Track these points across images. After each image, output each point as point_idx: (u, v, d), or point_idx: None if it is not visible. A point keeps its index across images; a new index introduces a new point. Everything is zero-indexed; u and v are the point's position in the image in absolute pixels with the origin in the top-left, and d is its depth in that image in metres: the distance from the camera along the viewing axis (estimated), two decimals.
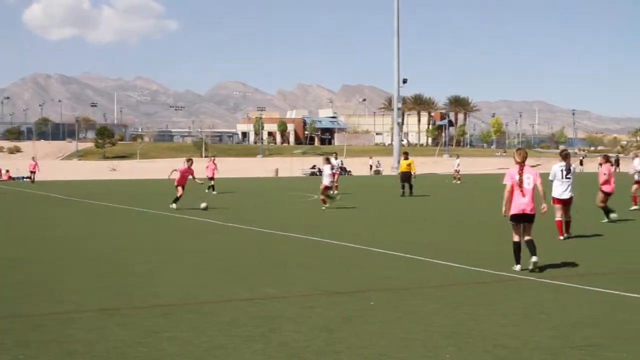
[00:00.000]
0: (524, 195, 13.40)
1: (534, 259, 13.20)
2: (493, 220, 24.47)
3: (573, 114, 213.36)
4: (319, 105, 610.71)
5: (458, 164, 60.28)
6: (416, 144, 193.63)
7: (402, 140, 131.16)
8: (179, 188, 29.50)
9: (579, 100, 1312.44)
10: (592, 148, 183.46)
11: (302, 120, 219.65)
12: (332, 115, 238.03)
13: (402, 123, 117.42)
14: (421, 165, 65.24)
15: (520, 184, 13.43)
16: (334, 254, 16.16)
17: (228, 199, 36.24)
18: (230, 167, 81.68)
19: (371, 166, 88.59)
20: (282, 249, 16.97)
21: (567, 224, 18.93)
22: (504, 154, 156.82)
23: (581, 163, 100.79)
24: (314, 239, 18.76)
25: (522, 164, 13.66)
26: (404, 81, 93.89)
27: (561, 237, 18.52)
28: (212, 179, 42.08)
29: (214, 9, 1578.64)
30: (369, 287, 11.91)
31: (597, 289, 11.64)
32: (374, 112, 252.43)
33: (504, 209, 13.67)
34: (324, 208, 28.65)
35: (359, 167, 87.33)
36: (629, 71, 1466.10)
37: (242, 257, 15.56)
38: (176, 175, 29.94)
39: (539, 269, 13.25)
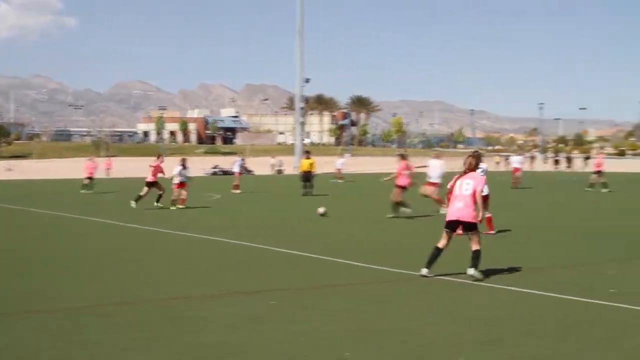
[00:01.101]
0: (459, 201, 12.76)
1: (470, 271, 12.49)
2: (392, 218, 24.83)
3: (471, 113, 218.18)
4: (221, 104, 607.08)
5: (342, 163, 60.77)
6: (318, 144, 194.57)
7: (305, 140, 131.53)
8: (147, 187, 29.42)
9: (477, 101, 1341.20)
10: (490, 147, 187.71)
11: (204, 119, 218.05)
12: (234, 115, 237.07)
13: (305, 123, 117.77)
14: (325, 165, 65.50)
15: (455, 189, 12.87)
16: (238, 254, 16.14)
17: (124, 199, 35.72)
18: (131, 167, 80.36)
19: (273, 166, 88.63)
20: (185, 250, 16.84)
21: (488, 219, 19.56)
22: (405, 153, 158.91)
23: (532, 159, 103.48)
24: (216, 239, 18.69)
25: (466, 171, 13.04)
26: (307, 81, 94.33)
27: (492, 232, 19.36)
28: (91, 178, 42.57)
29: (114, 6, 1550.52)
30: (274, 287, 11.95)
31: (498, 285, 11.97)
32: (277, 112, 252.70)
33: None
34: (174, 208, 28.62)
35: (261, 166, 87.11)
36: (524, 72, 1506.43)
37: (145, 259, 15.38)
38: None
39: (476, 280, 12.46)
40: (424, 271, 12.68)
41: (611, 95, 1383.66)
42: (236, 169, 43.62)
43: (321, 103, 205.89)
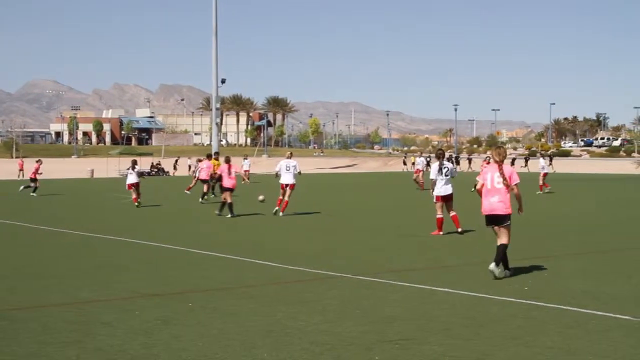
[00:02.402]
0: (495, 194, 12.87)
1: (499, 272, 12.58)
2: (308, 219, 24.89)
3: (387, 115, 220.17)
4: (137, 104, 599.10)
5: (249, 165, 60.83)
6: (235, 144, 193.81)
7: (221, 141, 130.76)
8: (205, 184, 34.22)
9: (393, 102, 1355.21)
10: (406, 148, 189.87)
11: (119, 120, 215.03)
12: (149, 115, 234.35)
13: (221, 123, 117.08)
14: (242, 166, 65.46)
15: (492, 182, 12.92)
16: (152, 255, 15.94)
17: (41, 201, 34.99)
18: (44, 168, 78.72)
19: (190, 166, 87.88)
20: (98, 252, 16.54)
21: (455, 218, 19.74)
22: (322, 154, 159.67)
23: (404, 163, 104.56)
24: (130, 241, 18.42)
25: (500, 163, 13.02)
26: (223, 81, 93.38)
27: (440, 233, 19.36)
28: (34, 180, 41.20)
29: (24, 4, 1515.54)
30: (188, 289, 11.82)
31: (409, 284, 12.08)
32: (193, 112, 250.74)
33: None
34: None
35: (178, 168, 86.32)
36: (439, 75, 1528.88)
37: (55, 262, 15.05)
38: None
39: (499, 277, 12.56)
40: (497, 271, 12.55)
41: (522, 98, 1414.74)
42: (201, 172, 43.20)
43: (238, 104, 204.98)
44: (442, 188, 19.61)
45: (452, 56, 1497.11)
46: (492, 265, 12.58)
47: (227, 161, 26.98)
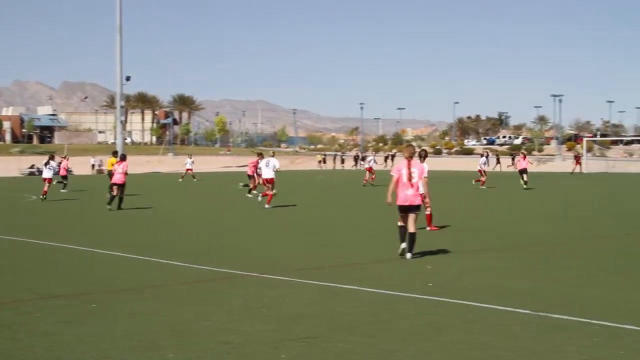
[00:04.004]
0: (409, 188, 14.62)
1: (408, 255, 14.60)
2: (217, 218, 24.78)
3: (294, 113, 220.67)
4: (38, 102, 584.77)
5: (192, 163, 60.51)
6: (140, 143, 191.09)
7: (126, 139, 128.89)
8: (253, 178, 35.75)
9: (300, 100, 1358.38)
10: (312, 146, 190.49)
11: (20, 117, 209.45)
12: (51, 113, 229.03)
13: (126, 121, 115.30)
14: (146, 164, 64.67)
15: (409, 177, 14.61)
16: (55, 256, 15.62)
17: None
18: None
19: (93, 165, 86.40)
20: None
21: (428, 217, 20.05)
22: (228, 152, 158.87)
23: (324, 161, 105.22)
24: (33, 242, 18.00)
25: (409, 159, 14.85)
26: (127, 79, 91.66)
27: (429, 228, 19.76)
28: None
29: None
30: (92, 290, 11.62)
31: (315, 282, 12.15)
32: (97, 110, 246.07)
33: (389, 199, 14.77)
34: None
35: (80, 166, 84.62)
36: (346, 73, 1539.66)
37: None
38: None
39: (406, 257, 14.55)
40: (403, 245, 14.71)
41: (427, 97, 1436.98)
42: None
43: (143, 101, 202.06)
44: None
45: (358, 55, 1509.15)
46: (409, 255, 14.59)
47: (122, 158, 29.47)
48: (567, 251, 16.26)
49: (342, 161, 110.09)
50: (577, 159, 74.92)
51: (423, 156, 20.31)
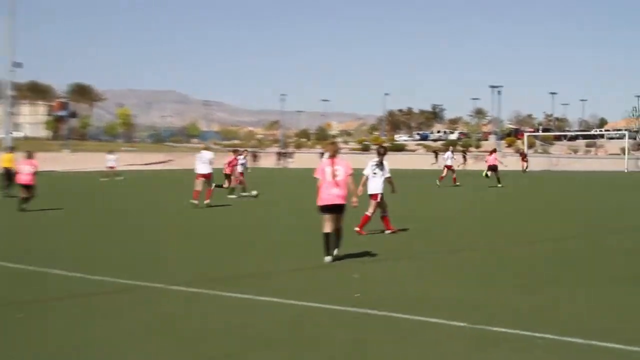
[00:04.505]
0: (334, 187, 15.12)
1: (335, 251, 15.22)
2: (132, 219, 24.39)
3: (206, 105, 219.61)
4: None
5: (114, 160, 59.76)
6: (32, 137, 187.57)
7: (16, 133, 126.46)
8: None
9: (213, 91, 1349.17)
10: (226, 142, 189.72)
11: None
12: None
13: (15, 113, 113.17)
14: (46, 162, 63.53)
15: (333, 175, 15.12)
16: None
17: None
18: None
19: None
20: None
21: (384, 219, 20.29)
22: (133, 148, 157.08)
23: (255, 157, 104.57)
24: None
25: (333, 157, 15.35)
26: (17, 65, 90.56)
27: (356, 229, 19.76)
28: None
29: None
30: None
31: (228, 293, 11.98)
32: None
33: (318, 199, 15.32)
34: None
35: None
36: (264, 63, 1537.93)
37: None
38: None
39: (339, 259, 15.21)
40: (327, 259, 15.09)
41: (355, 88, 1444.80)
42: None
43: (35, 91, 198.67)
44: (371, 186, 20.28)
45: (278, 43, 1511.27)
46: (328, 259, 15.01)
47: (29, 156, 29.35)
48: (511, 257, 16.43)
49: (255, 157, 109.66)
50: (523, 156, 76.01)
51: (382, 153, 20.58)
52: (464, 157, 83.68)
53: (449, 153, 48.98)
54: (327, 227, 15.22)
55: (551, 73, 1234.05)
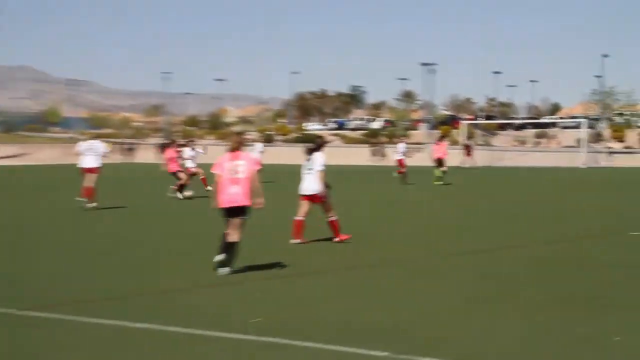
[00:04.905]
0: (234, 185, 15.58)
1: (218, 257, 15.49)
2: None
3: (71, 84, 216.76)
4: None
5: None
6: None
7: None
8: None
9: (81, 68, 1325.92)
10: (95, 130, 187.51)
11: None
12: None
13: None
14: None
15: (234, 172, 15.57)
16: None
17: None
18: None
19: None
20: None
21: (332, 224, 20.51)
22: None
23: (129, 150, 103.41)
24: None
25: (235, 151, 15.86)
26: None
27: (296, 241, 20.03)
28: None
29: None
30: None
31: (93, 319, 11.94)
32: None
33: (215, 201, 15.78)
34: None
35: None
36: (143, 33, 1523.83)
37: None
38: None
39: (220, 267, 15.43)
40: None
41: (257, 65, 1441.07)
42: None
43: None
44: (302, 185, 20.55)
45: (162, 10, 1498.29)
46: (226, 270, 15.41)
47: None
48: (443, 272, 16.71)
49: (130, 150, 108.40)
50: (468, 149, 76.46)
51: (318, 145, 20.93)
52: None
53: (402, 145, 49.36)
54: (230, 234, 15.58)
55: (495, 49, 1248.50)
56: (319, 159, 20.42)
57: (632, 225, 24.12)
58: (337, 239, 20.42)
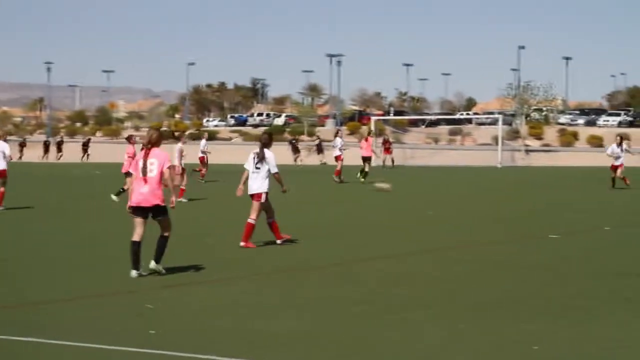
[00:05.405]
0: (145, 184, 15.93)
1: (152, 264, 16.06)
2: None
3: None
4: None
5: None
6: None
7: None
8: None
9: None
10: None
11: None
12: None
13: None
14: None
15: (144, 171, 15.93)
16: None
17: None
18: None
19: None
20: None
21: (272, 225, 20.77)
22: None
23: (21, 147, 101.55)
24: None
25: (149, 148, 16.18)
26: None
27: (242, 244, 20.12)
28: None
29: None
30: None
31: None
32: None
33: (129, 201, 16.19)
34: None
35: None
36: (26, 21, 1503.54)
37: None
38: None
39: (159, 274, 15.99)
40: (134, 273, 15.87)
41: (148, 56, 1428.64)
42: None
43: None
44: (250, 185, 20.61)
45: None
46: (134, 274, 15.84)
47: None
48: (357, 277, 16.90)
49: (21, 147, 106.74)
50: (387, 144, 75.99)
51: (265, 142, 20.90)
52: (295, 147, 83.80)
53: (338, 140, 49.89)
54: (137, 235, 15.95)
55: (406, 39, 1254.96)
56: (270, 157, 20.50)
57: (551, 228, 24.48)
58: (279, 241, 20.67)
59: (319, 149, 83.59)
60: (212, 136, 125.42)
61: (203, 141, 48.77)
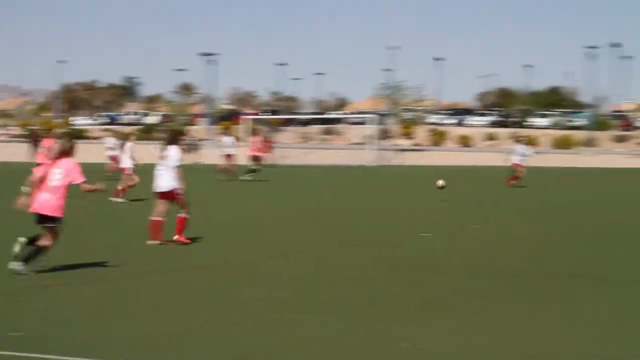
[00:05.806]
0: (44, 192, 15.86)
1: (14, 264, 15.66)
2: None
3: None
4: None
5: None
6: None
7: None
8: None
9: None
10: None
11: None
12: None
13: None
14: None
15: (48, 179, 15.94)
16: None
17: None
18: None
19: None
20: None
21: (180, 220, 20.73)
22: None
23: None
24: None
25: (59, 157, 16.31)
26: None
27: (154, 242, 20.31)
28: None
29: None
30: None
31: None
32: None
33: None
34: None
35: None
36: None
37: None
38: None
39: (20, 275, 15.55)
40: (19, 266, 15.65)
41: (14, 52, 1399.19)
42: None
43: None
44: (157, 182, 20.71)
45: None
46: (16, 265, 15.61)
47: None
48: (243, 277, 17.01)
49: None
50: (268, 142, 75.62)
51: (169, 139, 21.20)
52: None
53: (227, 139, 51.24)
54: (43, 238, 15.97)
55: (279, 39, 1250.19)
56: (174, 154, 20.45)
57: (422, 226, 24.76)
58: (176, 237, 20.58)
59: (191, 148, 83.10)
60: (79, 135, 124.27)
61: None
